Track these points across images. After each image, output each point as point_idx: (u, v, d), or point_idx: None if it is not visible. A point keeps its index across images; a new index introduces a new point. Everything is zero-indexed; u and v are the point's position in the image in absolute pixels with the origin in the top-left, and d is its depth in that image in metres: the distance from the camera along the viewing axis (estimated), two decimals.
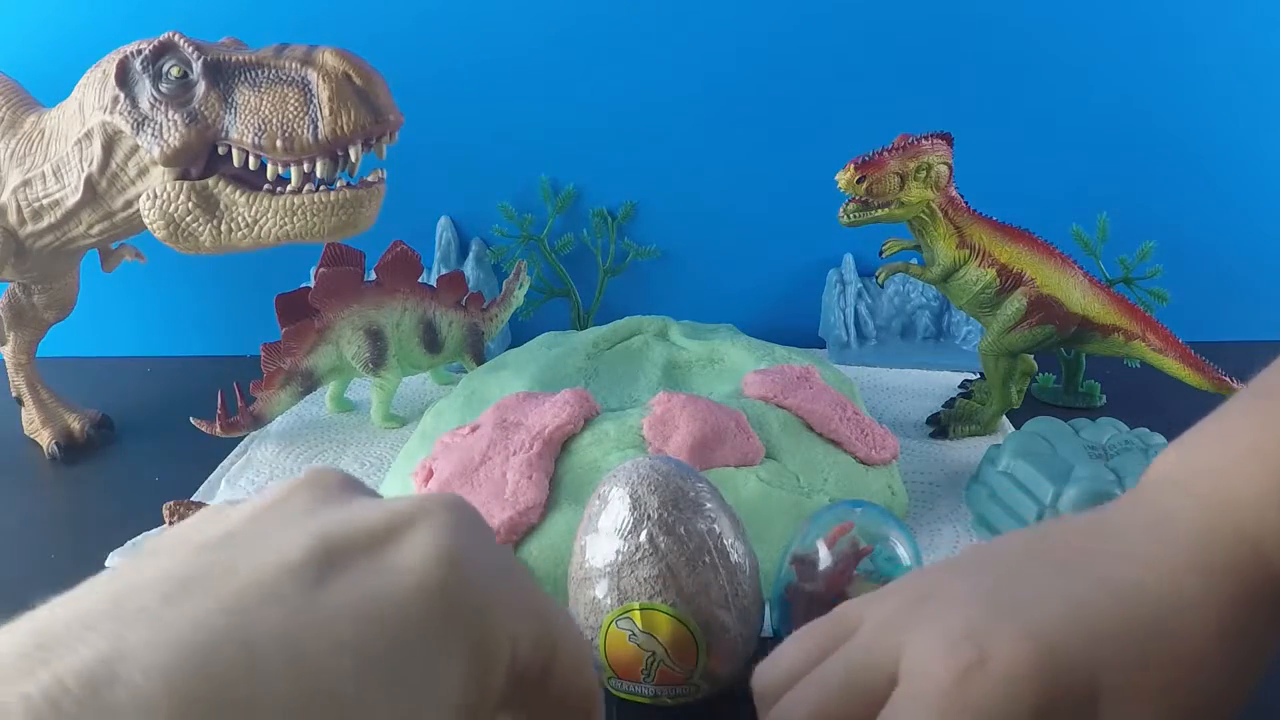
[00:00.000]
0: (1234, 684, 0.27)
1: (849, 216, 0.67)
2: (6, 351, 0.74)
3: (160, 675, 0.15)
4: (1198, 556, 0.29)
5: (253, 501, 0.21)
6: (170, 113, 0.57)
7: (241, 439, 0.74)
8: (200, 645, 0.16)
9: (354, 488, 0.23)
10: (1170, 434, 0.60)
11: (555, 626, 0.22)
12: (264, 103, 0.55)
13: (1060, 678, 0.27)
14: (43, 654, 0.15)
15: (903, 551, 0.46)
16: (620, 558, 0.42)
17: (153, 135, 0.57)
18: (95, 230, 0.63)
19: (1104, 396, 0.79)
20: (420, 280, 0.75)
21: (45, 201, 0.63)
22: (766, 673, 0.32)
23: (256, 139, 0.55)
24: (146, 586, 0.17)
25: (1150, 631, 0.27)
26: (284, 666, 0.16)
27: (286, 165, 0.57)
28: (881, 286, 0.86)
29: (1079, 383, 0.79)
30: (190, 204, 0.58)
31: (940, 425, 0.73)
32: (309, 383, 0.73)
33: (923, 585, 0.31)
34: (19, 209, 0.64)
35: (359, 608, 0.18)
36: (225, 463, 0.71)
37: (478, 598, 0.20)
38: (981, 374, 0.76)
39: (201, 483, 0.68)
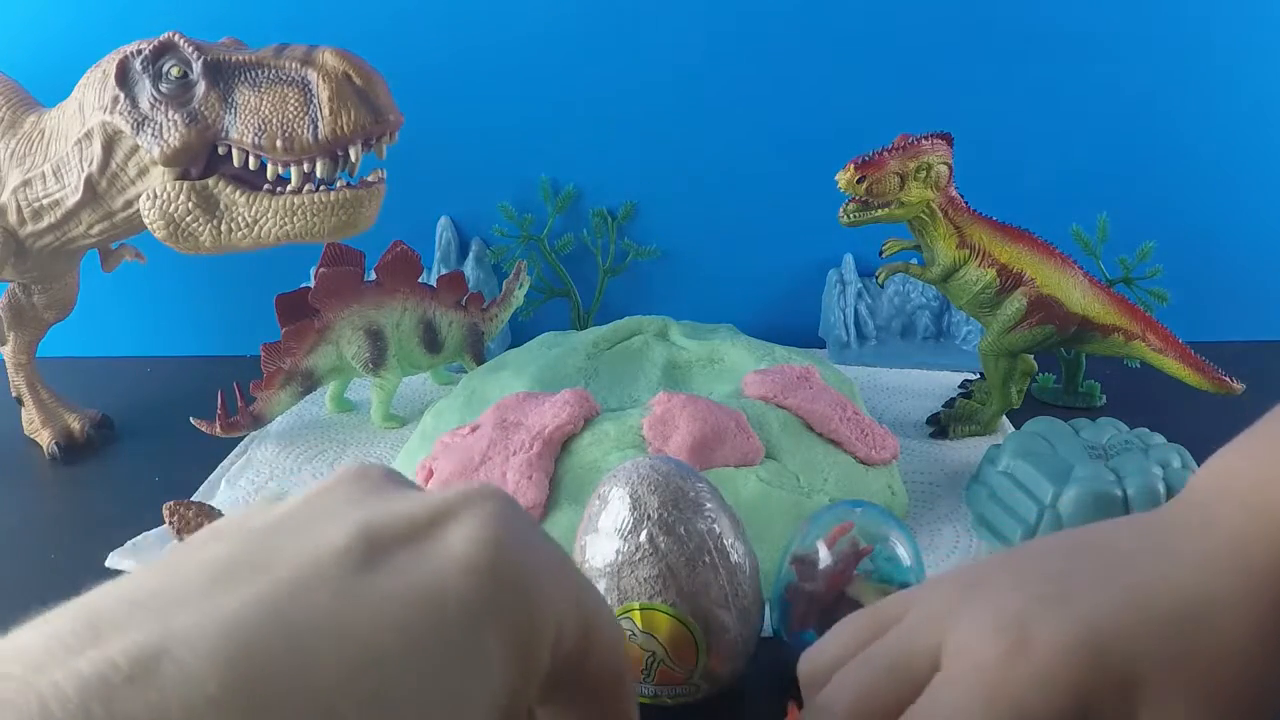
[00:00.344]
0: (1276, 686, 0.28)
1: (849, 216, 0.67)
2: (6, 351, 0.74)
3: (208, 655, 0.15)
4: (1240, 560, 0.29)
5: (298, 495, 0.22)
6: (170, 113, 0.57)
7: (241, 439, 0.74)
8: (247, 627, 0.16)
9: (398, 481, 0.23)
10: (1170, 434, 0.61)
11: (592, 609, 0.22)
12: (264, 103, 0.55)
13: (1102, 664, 0.27)
14: (94, 634, 0.16)
15: (903, 551, 0.46)
16: (620, 558, 0.42)
17: (153, 135, 0.57)
18: (95, 230, 0.63)
19: (1104, 396, 0.79)
20: (420, 280, 0.75)
21: (45, 201, 0.63)
22: (812, 658, 0.33)
23: (256, 139, 0.55)
24: (195, 571, 0.18)
25: (1193, 628, 0.28)
26: (330, 648, 0.17)
27: (286, 165, 0.57)
28: (881, 286, 0.86)
29: (1079, 383, 0.79)
30: (190, 204, 0.58)
31: (940, 425, 0.73)
32: (309, 383, 0.73)
33: (969, 576, 0.32)
34: (19, 209, 0.64)
35: (405, 591, 0.18)
36: (225, 463, 0.71)
37: (523, 581, 0.20)
38: (981, 374, 0.76)
39: (201, 483, 0.68)
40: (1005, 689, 0.27)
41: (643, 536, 0.42)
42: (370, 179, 0.59)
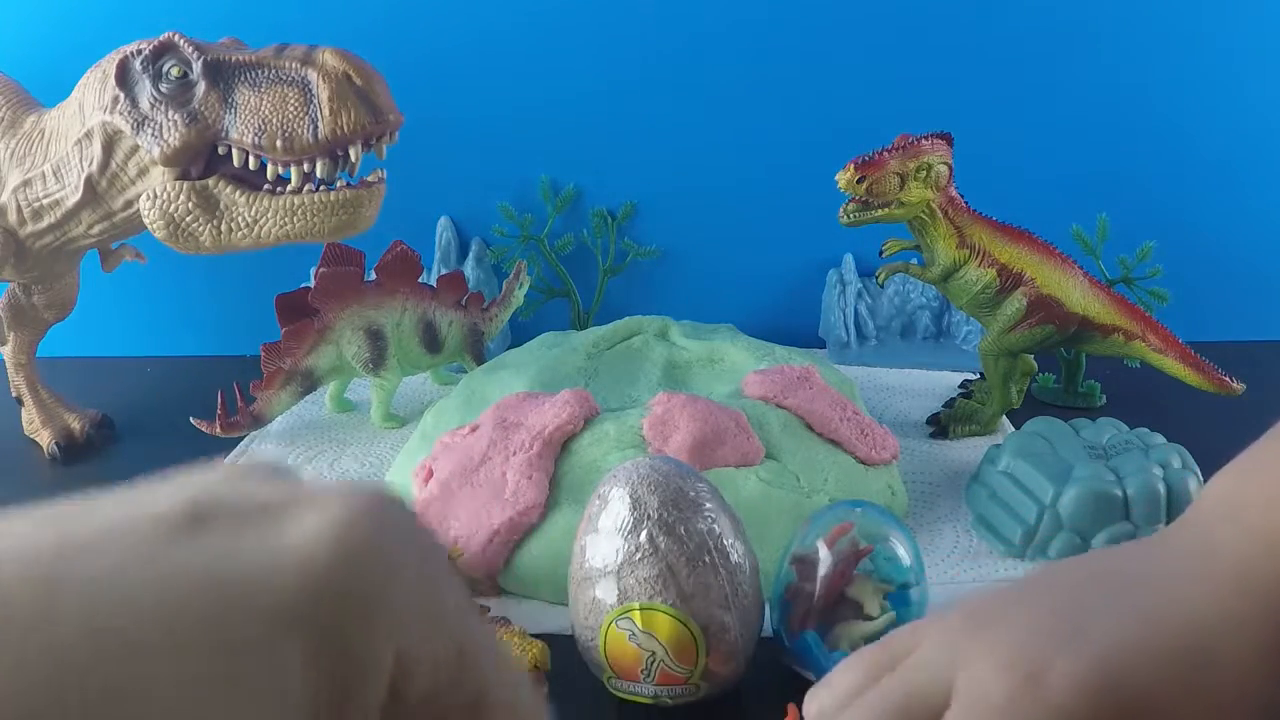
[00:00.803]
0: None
1: (849, 216, 0.67)
2: (6, 351, 0.74)
3: None
4: (1245, 584, 0.29)
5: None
6: (170, 113, 0.57)
7: (241, 439, 0.74)
8: (26, 576, 0.15)
9: (284, 473, 0.20)
10: (1170, 434, 0.61)
11: (482, 665, 0.18)
12: (264, 103, 0.55)
13: (1116, 697, 0.27)
14: None
15: (903, 551, 0.46)
16: (620, 558, 0.42)
17: (153, 135, 0.57)
18: (95, 230, 0.63)
19: (1104, 396, 0.79)
20: (420, 280, 0.75)
21: (45, 201, 0.63)
22: (820, 697, 0.33)
23: (256, 139, 0.55)
24: (22, 522, 0.17)
25: (1201, 654, 0.28)
26: (111, 610, 0.15)
27: (286, 165, 0.57)
28: (881, 286, 0.86)
29: (1079, 383, 0.79)
30: (190, 204, 0.58)
31: (940, 425, 0.73)
32: (309, 383, 0.73)
33: (979, 610, 0.32)
34: (19, 209, 0.64)
35: (214, 572, 0.16)
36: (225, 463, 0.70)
37: (365, 593, 0.17)
38: (981, 374, 0.76)
39: None
40: None
41: (643, 536, 0.42)
42: (370, 179, 0.59)
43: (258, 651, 0.15)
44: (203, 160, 0.58)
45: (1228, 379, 0.68)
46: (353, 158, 0.57)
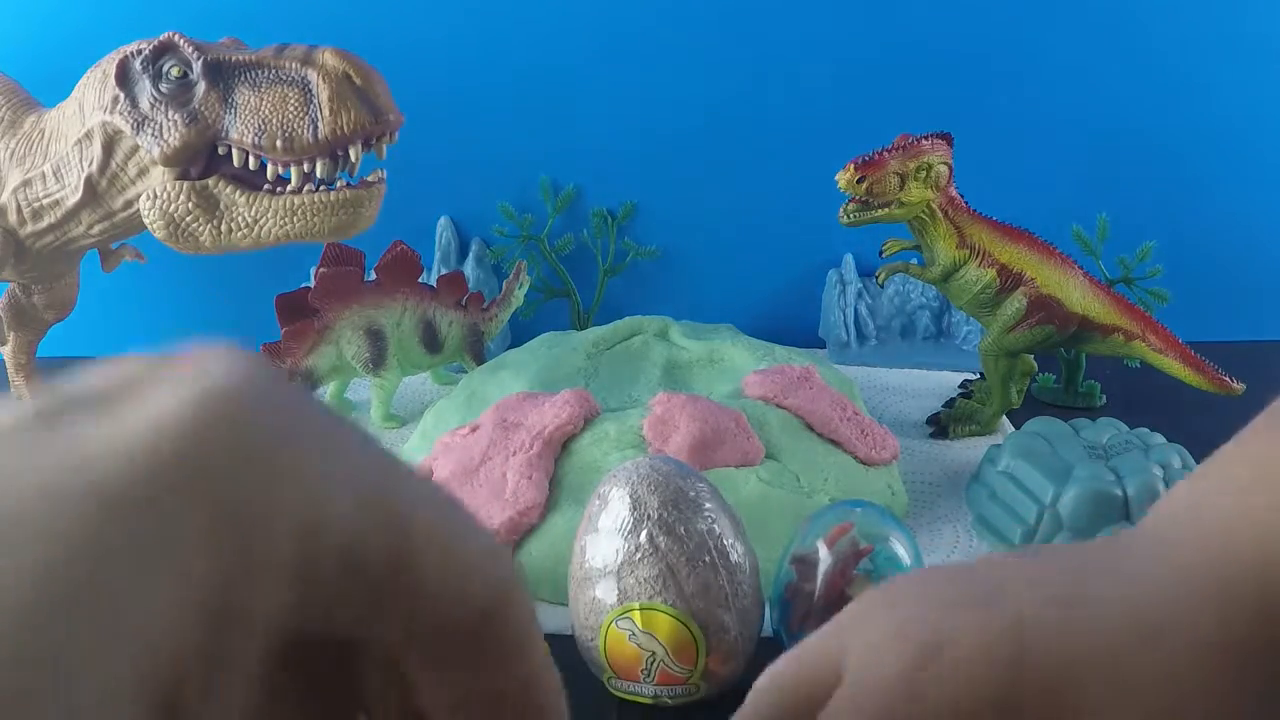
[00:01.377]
0: (1224, 711, 0.25)
1: (849, 216, 0.67)
2: (6, 351, 0.74)
3: None
4: (1204, 586, 0.27)
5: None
6: (170, 113, 0.57)
7: None
8: None
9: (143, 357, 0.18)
10: (1170, 434, 0.61)
11: (403, 504, 0.16)
12: (264, 103, 0.55)
13: (1026, 665, 0.25)
14: None
15: (903, 551, 0.46)
16: (620, 558, 0.42)
17: (153, 135, 0.57)
18: (95, 230, 0.63)
19: (1104, 396, 0.79)
20: (420, 280, 0.75)
21: (45, 201, 0.63)
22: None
23: (256, 139, 0.55)
24: None
25: (1139, 641, 0.25)
26: None
27: (286, 165, 0.57)
28: (881, 286, 0.86)
29: (1079, 383, 0.79)
30: (190, 204, 0.58)
31: (940, 425, 0.73)
32: (309, 383, 0.73)
33: (883, 588, 0.30)
34: (19, 209, 0.64)
35: (83, 458, 0.14)
36: None
37: (251, 444, 0.15)
38: (981, 374, 0.76)
39: None
40: (914, 699, 0.25)
41: (643, 536, 0.42)
42: (370, 179, 0.59)
43: (146, 524, 0.14)
44: (203, 160, 0.58)
45: (1228, 379, 0.68)
46: (353, 158, 0.57)
